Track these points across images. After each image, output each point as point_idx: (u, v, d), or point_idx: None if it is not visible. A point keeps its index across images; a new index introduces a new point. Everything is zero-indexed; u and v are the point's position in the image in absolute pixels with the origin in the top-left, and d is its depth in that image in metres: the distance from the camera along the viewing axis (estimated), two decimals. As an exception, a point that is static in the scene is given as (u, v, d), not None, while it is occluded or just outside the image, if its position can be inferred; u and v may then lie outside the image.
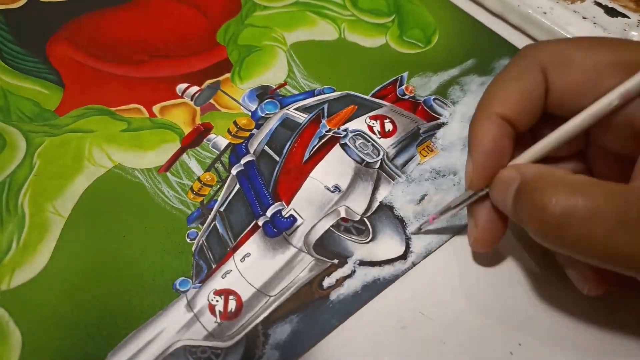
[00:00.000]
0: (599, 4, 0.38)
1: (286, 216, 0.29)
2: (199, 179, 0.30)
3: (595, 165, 0.25)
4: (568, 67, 0.23)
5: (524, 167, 0.22)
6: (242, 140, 0.32)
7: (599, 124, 0.22)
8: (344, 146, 0.31)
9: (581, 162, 0.25)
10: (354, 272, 0.27)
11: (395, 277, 0.27)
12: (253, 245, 0.28)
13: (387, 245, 0.28)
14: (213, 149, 0.32)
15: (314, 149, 0.31)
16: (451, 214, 0.27)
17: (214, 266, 0.27)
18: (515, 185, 0.22)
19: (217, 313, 0.26)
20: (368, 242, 0.28)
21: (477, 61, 0.36)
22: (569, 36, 0.36)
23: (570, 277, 0.25)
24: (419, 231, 0.28)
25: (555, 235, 0.20)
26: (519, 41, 0.38)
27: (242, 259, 0.27)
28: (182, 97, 0.34)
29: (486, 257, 0.28)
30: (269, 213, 0.29)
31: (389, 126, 0.33)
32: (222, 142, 0.32)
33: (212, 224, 0.29)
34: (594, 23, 0.36)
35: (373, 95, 0.34)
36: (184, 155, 0.31)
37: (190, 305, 0.26)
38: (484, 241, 0.26)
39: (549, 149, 0.23)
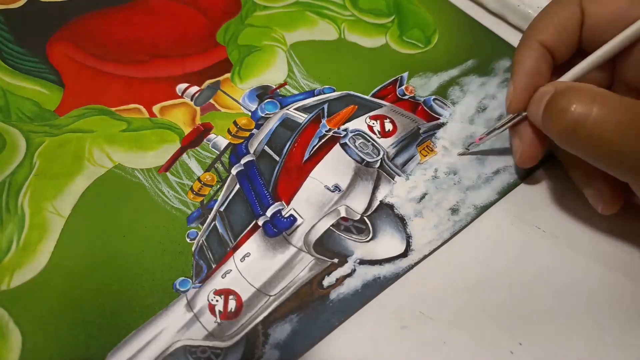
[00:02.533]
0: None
1: (286, 216, 0.29)
2: (199, 179, 0.30)
3: (623, 75, 0.27)
4: (603, 0, 0.26)
5: (559, 83, 0.25)
6: (242, 140, 0.32)
7: (625, 58, 0.26)
8: (344, 146, 0.31)
9: (608, 72, 0.27)
10: (354, 271, 0.27)
11: (395, 276, 0.27)
12: (253, 245, 0.28)
13: (387, 244, 0.28)
14: (213, 149, 0.32)
15: (314, 149, 0.31)
16: (496, 134, 0.29)
17: (214, 266, 0.27)
18: (548, 97, 0.24)
19: (217, 313, 0.26)
20: (368, 241, 0.28)
21: (477, 61, 0.36)
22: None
23: (587, 196, 0.28)
24: (466, 152, 0.31)
25: (571, 136, 0.23)
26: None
27: (242, 259, 0.27)
28: (182, 97, 0.34)
29: (487, 256, 0.28)
30: (269, 213, 0.29)
31: (389, 126, 0.33)
32: (222, 142, 0.32)
33: (212, 224, 0.29)
34: (594, 23, 0.36)
35: (373, 95, 0.34)
36: (184, 155, 0.31)
37: (190, 305, 0.26)
38: (530, 155, 0.28)
39: (587, 70, 0.26)
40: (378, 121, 0.33)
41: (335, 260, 0.27)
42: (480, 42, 0.38)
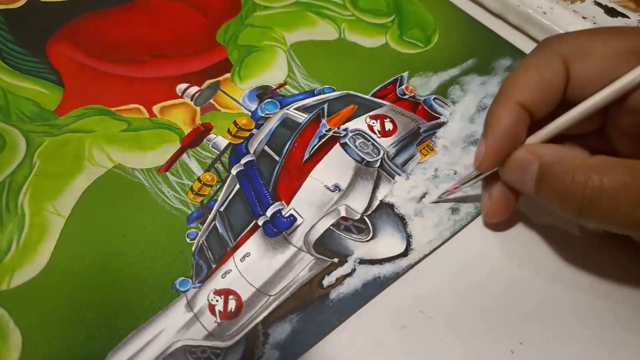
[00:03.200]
0: (599, 4, 0.38)
1: (286, 216, 0.29)
2: (199, 179, 0.30)
3: (615, 143, 0.26)
4: (588, 56, 0.24)
5: (541, 150, 0.24)
6: (242, 140, 0.32)
7: (615, 107, 0.24)
8: (344, 145, 0.31)
9: (601, 139, 0.26)
10: (354, 270, 0.27)
11: (395, 275, 0.27)
12: (253, 245, 0.28)
13: (387, 243, 0.28)
14: (213, 149, 0.32)
15: (314, 149, 0.31)
16: (469, 185, 0.28)
17: (213, 266, 0.27)
18: (535, 168, 0.23)
19: (217, 313, 0.26)
20: (368, 241, 0.28)
21: (477, 61, 0.36)
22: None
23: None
24: (438, 200, 0.30)
25: (585, 213, 0.22)
26: (519, 41, 0.38)
27: (242, 259, 0.27)
28: (182, 97, 0.34)
29: (487, 255, 0.28)
30: (268, 213, 0.29)
31: (389, 125, 0.33)
32: (222, 142, 0.32)
33: (212, 224, 0.29)
34: (594, 23, 0.36)
35: (373, 95, 0.34)
36: (184, 155, 0.31)
37: (190, 305, 0.26)
38: (496, 212, 0.28)
39: (561, 130, 0.24)
40: (378, 121, 0.33)
41: (335, 260, 0.27)
42: (480, 42, 0.38)
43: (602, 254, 0.28)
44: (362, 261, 0.27)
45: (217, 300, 0.26)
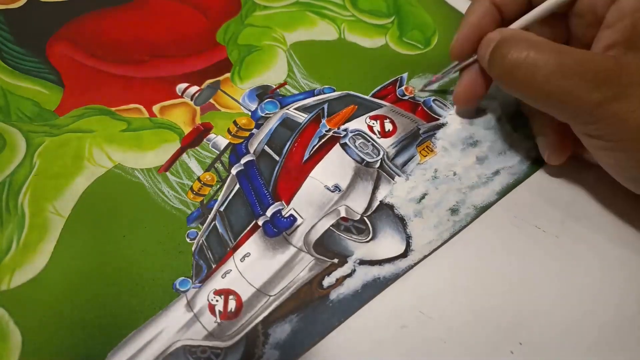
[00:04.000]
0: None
1: (286, 216, 0.29)
2: (199, 179, 0.30)
3: (575, 31, 0.29)
4: None
5: (505, 30, 0.28)
6: (242, 140, 0.32)
7: (575, 14, 0.28)
8: (344, 146, 0.31)
9: (563, 28, 0.29)
10: (354, 271, 0.27)
11: (395, 276, 0.27)
12: (253, 245, 0.28)
13: (387, 244, 0.28)
14: (213, 149, 0.32)
15: (314, 149, 0.31)
16: (449, 74, 0.33)
17: (213, 266, 0.27)
18: (494, 43, 0.27)
19: (217, 313, 0.26)
20: (368, 241, 0.28)
21: (476, 61, 0.36)
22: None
23: (538, 144, 0.31)
24: (423, 89, 0.34)
25: (508, 79, 0.26)
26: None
27: (242, 259, 0.27)
28: (182, 97, 0.34)
29: (487, 256, 0.28)
30: (268, 213, 0.29)
31: (388, 126, 0.33)
32: (222, 141, 0.32)
33: (212, 224, 0.29)
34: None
35: (373, 96, 0.34)
36: (184, 155, 0.31)
37: (190, 305, 0.26)
38: (462, 95, 0.32)
39: (532, 20, 0.29)
40: (378, 121, 0.33)
41: (335, 261, 0.27)
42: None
43: (603, 254, 0.28)
44: (362, 262, 0.27)
45: (217, 300, 0.26)
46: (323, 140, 0.32)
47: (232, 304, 0.26)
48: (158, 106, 0.33)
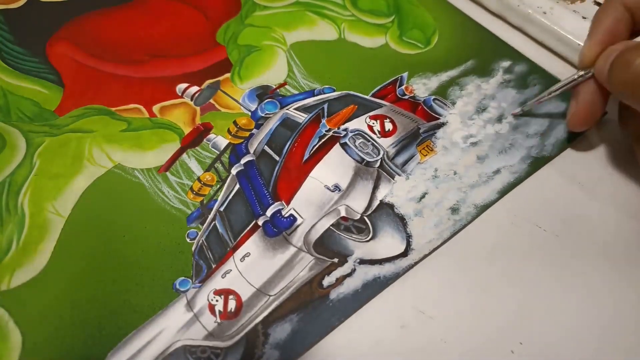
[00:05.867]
0: (599, 4, 0.38)
1: (286, 216, 0.29)
2: (198, 179, 0.30)
3: None
4: None
5: (631, 41, 0.26)
6: (242, 140, 0.32)
7: None
8: (344, 146, 0.31)
9: None
10: (354, 270, 0.27)
11: (395, 276, 0.27)
12: (253, 245, 0.28)
13: (387, 243, 0.28)
14: (213, 149, 0.32)
15: (314, 149, 0.31)
16: (557, 93, 0.30)
17: (213, 266, 0.27)
18: (616, 53, 0.25)
19: (217, 313, 0.26)
20: (368, 241, 0.28)
21: (476, 62, 0.36)
22: (569, 36, 0.36)
23: (637, 154, 0.28)
24: (520, 113, 0.32)
25: (633, 89, 0.24)
26: (519, 41, 0.38)
27: (242, 259, 0.27)
28: (182, 97, 0.34)
29: (487, 255, 0.28)
30: (268, 213, 0.29)
31: (388, 126, 0.33)
32: (222, 142, 0.32)
33: (212, 224, 0.29)
34: (594, 23, 0.36)
35: (373, 95, 0.34)
36: (184, 155, 0.31)
37: (190, 305, 0.26)
38: (580, 117, 0.29)
39: None
40: (378, 121, 0.33)
41: (335, 260, 0.27)
42: (479, 43, 0.38)
43: (602, 254, 0.28)
44: (362, 261, 0.27)
45: (217, 300, 0.26)
46: (323, 140, 0.32)
47: (232, 304, 0.26)
48: (158, 106, 0.33)
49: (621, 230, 0.29)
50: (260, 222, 0.28)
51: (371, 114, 0.33)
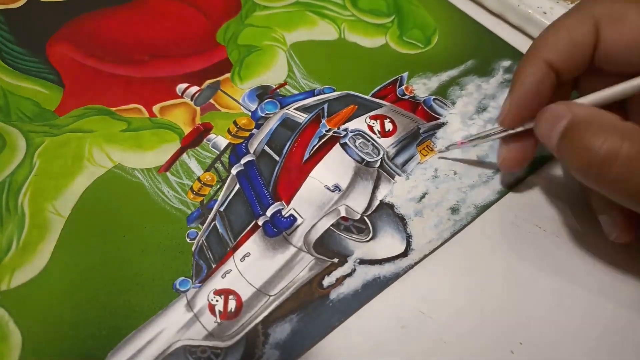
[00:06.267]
0: (599, 4, 0.38)
1: (286, 216, 0.29)
2: (199, 179, 0.30)
3: (634, 117, 0.26)
4: (621, 23, 0.24)
5: (576, 106, 0.23)
6: (242, 140, 0.32)
7: None
8: (344, 146, 0.31)
9: (622, 112, 0.26)
10: (354, 270, 0.27)
11: (395, 276, 0.27)
12: (253, 245, 0.28)
13: (387, 243, 0.28)
14: (213, 149, 0.32)
15: (314, 149, 0.31)
16: (478, 143, 0.30)
17: (213, 266, 0.27)
18: (565, 122, 0.23)
19: (217, 313, 0.26)
20: (368, 241, 0.28)
21: (476, 62, 0.36)
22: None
23: (602, 223, 0.27)
24: (445, 150, 0.31)
25: (597, 174, 0.22)
26: (519, 41, 0.38)
27: (242, 259, 0.27)
28: (182, 97, 0.34)
29: (487, 255, 0.28)
30: (268, 213, 0.29)
31: (389, 126, 0.33)
32: (222, 142, 0.32)
33: (212, 224, 0.29)
34: (594, 23, 0.36)
35: (373, 95, 0.34)
36: (184, 155, 0.31)
37: (190, 305, 0.26)
38: (512, 162, 0.28)
39: (609, 100, 0.24)
40: (378, 121, 0.33)
41: (335, 260, 0.27)
42: (480, 43, 0.38)
43: (603, 254, 0.28)
44: (362, 261, 0.27)
45: (217, 300, 0.26)
46: (323, 140, 0.32)
47: (232, 304, 0.26)
48: (158, 106, 0.33)
49: (621, 230, 0.29)
50: (260, 222, 0.28)
51: (371, 114, 0.33)
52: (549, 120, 0.24)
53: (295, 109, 0.33)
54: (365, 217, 0.29)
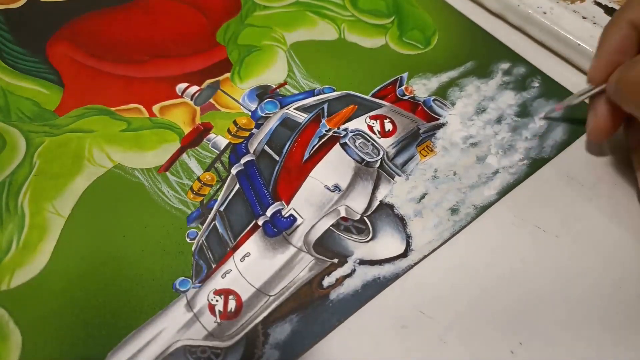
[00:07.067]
0: (599, 4, 0.38)
1: (286, 216, 0.29)
2: (198, 179, 0.30)
3: None
4: None
5: (635, 57, 0.26)
6: (242, 140, 0.32)
7: None
8: (343, 146, 0.31)
9: None
10: (354, 271, 0.27)
11: (395, 276, 0.27)
12: (253, 245, 0.28)
13: (387, 244, 0.28)
14: (213, 149, 0.32)
15: (313, 149, 0.31)
16: (575, 103, 0.31)
17: (213, 266, 0.27)
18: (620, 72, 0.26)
19: (217, 313, 0.26)
20: (368, 241, 0.28)
21: (476, 63, 0.36)
22: (569, 36, 0.36)
23: (635, 162, 0.29)
24: (545, 116, 0.33)
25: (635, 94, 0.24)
26: (519, 41, 0.38)
27: (242, 259, 0.27)
28: (182, 96, 0.34)
29: (487, 256, 0.28)
30: (268, 213, 0.29)
31: (388, 126, 0.33)
32: (222, 141, 0.32)
33: (212, 224, 0.29)
34: (594, 23, 0.36)
35: (373, 95, 0.34)
36: (184, 155, 0.31)
37: (190, 305, 0.26)
38: (600, 130, 0.29)
39: None
40: (378, 121, 0.33)
41: (335, 260, 0.27)
42: (479, 45, 0.38)
43: (602, 254, 0.28)
44: (362, 262, 0.27)
45: (217, 300, 0.26)
46: (323, 140, 0.32)
47: (232, 304, 0.26)
48: (158, 106, 0.33)
49: (621, 229, 0.29)
50: (260, 222, 0.28)
51: (371, 114, 0.33)
52: (614, 76, 0.27)
53: (295, 108, 0.33)
54: (365, 218, 0.29)
